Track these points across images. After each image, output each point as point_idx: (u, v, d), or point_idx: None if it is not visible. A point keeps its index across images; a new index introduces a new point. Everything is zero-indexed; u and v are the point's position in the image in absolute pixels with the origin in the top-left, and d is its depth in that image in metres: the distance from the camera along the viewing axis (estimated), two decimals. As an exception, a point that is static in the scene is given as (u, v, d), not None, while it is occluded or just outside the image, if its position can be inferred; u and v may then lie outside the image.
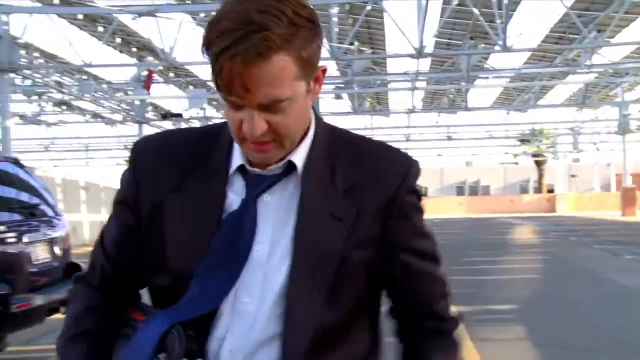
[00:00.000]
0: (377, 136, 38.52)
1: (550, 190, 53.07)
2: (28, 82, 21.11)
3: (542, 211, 44.51)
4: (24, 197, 6.68)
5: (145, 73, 23.55)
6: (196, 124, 30.80)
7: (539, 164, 53.73)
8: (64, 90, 20.55)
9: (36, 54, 19.17)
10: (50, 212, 6.87)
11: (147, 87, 23.74)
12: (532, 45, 20.78)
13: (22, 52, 17.84)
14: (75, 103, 26.80)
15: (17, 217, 6.31)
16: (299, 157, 1.21)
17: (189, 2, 15.87)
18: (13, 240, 6.08)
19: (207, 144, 1.26)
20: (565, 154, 48.95)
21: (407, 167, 1.24)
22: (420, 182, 1.29)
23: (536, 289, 10.38)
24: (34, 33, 16.90)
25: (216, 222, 1.21)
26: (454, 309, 1.29)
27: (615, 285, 10.41)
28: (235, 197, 1.22)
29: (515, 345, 6.65)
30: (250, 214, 1.20)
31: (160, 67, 23.81)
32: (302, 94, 1.14)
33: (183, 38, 16.78)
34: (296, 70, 1.11)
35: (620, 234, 21.68)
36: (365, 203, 1.20)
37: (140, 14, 13.65)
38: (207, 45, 1.09)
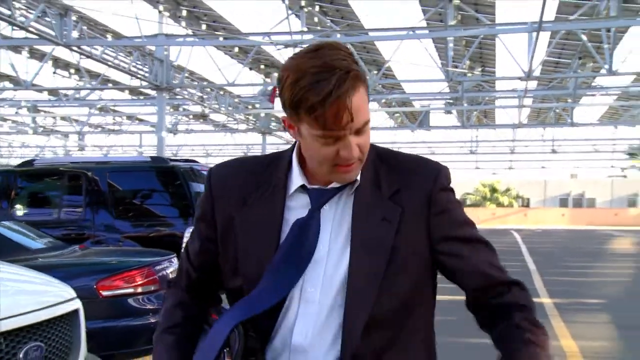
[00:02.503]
0: (482, 148, 39.74)
1: (661, 205, 52.14)
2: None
3: (651, 226, 44.13)
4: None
5: (270, 88, 26.16)
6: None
7: (648, 178, 52.96)
8: (204, 104, 23.28)
9: (185, 74, 21.96)
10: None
11: (272, 101, 26.29)
12: (638, 67, 21.79)
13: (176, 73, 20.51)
14: (212, 116, 29.69)
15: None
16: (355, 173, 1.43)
17: (331, 37, 18.02)
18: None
19: (269, 168, 1.50)
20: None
21: (437, 171, 1.46)
22: (523, 193, 1.85)
23: (622, 288, 11.90)
24: (183, 55, 19.52)
25: (277, 232, 1.43)
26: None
27: None
28: (294, 210, 1.45)
29: (598, 326, 8.36)
30: (315, 221, 1.42)
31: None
32: None
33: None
34: (367, 99, 1.37)
35: None
36: (408, 204, 1.41)
37: (287, 46, 16.04)
38: (298, 102, 1.31)
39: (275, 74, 25.81)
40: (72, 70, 23.58)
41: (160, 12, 18.65)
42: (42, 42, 15.41)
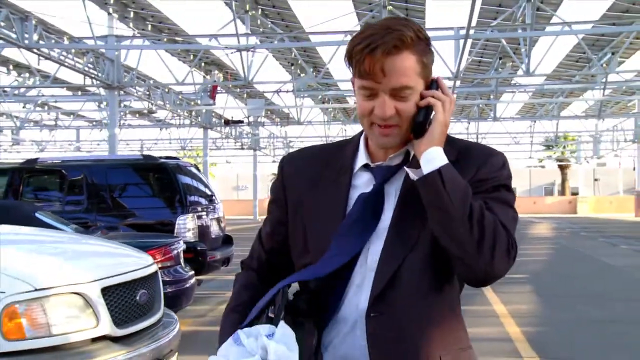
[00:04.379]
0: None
1: (575, 193, 55.69)
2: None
3: (564, 212, 47.30)
4: (204, 188, 10.17)
5: (211, 85, 27.18)
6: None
7: (562, 168, 56.51)
8: (151, 101, 24.17)
9: (134, 73, 22.80)
10: (215, 199, 10.39)
11: (213, 98, 27.33)
12: (551, 68, 24.01)
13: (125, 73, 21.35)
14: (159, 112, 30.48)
15: (205, 202, 9.85)
16: (412, 148, 1.53)
17: (276, 41, 19.24)
18: (206, 217, 9.62)
19: (336, 152, 1.64)
20: (588, 159, 51.32)
21: (489, 154, 1.55)
22: None
23: (542, 265, 13.79)
24: (132, 55, 20.39)
25: (343, 209, 1.55)
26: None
27: (604, 264, 13.84)
28: (359, 187, 1.57)
29: (525, 294, 10.07)
30: (378, 196, 1.53)
31: (222, 79, 27.21)
32: (419, 90, 1.47)
33: (258, 62, 20.08)
34: (418, 69, 1.45)
35: (625, 230, 24.98)
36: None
37: (240, 50, 17.22)
38: (352, 48, 1.45)
39: (216, 72, 26.89)
40: (11, 67, 24.07)
41: (109, 13, 19.50)
42: (6, 45, 16.11)
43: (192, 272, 7.13)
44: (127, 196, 9.25)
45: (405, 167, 1.49)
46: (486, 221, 1.42)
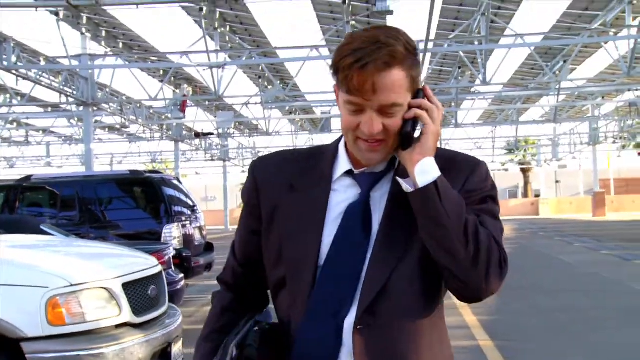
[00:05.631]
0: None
1: (538, 196, 57.22)
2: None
3: (527, 214, 48.76)
4: (186, 199, 10.94)
5: (181, 99, 27.88)
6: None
7: (524, 171, 58.14)
8: (124, 116, 24.80)
9: (107, 90, 23.45)
10: (197, 209, 11.17)
11: (183, 111, 28.03)
12: (507, 77, 25.27)
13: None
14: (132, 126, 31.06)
15: (188, 212, 10.62)
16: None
17: (244, 58, 20.05)
18: (189, 226, 10.40)
19: (313, 158, 1.58)
20: (549, 162, 52.77)
21: (475, 164, 1.52)
22: None
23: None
24: (106, 73, 21.06)
25: (322, 215, 1.50)
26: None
27: (558, 261, 14.96)
28: (339, 191, 1.52)
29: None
30: (366, 205, 1.49)
31: (191, 93, 27.93)
32: (407, 104, 1.43)
33: (228, 77, 20.93)
34: (407, 84, 1.41)
35: (581, 229, 26.33)
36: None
37: (211, 67, 18.02)
38: (339, 61, 1.40)
39: (185, 86, 27.60)
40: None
41: (82, 33, 20.14)
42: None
43: (182, 275, 7.92)
44: (116, 209, 10.01)
45: (397, 178, 1.46)
46: (481, 236, 1.40)
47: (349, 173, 1.53)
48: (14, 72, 16.43)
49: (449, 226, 1.39)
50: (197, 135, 30.88)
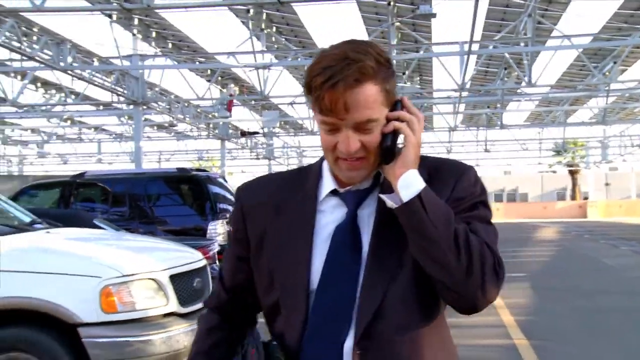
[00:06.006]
0: (421, 149, 42.85)
1: (586, 198, 56.26)
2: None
3: (574, 217, 47.92)
4: (231, 197, 11.18)
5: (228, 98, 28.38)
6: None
7: (572, 173, 57.22)
8: (172, 115, 25.40)
9: (156, 89, 24.09)
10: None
11: (229, 110, 28.52)
12: (555, 78, 25.04)
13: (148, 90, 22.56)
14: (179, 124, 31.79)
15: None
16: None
17: (290, 58, 20.39)
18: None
19: (297, 180, 1.56)
20: (598, 164, 51.81)
21: (462, 170, 1.50)
22: None
23: (541, 265, 14.81)
24: (155, 73, 21.75)
25: (309, 236, 1.47)
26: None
27: (600, 263, 14.85)
28: (325, 212, 1.50)
29: (521, 290, 11.10)
30: (354, 224, 1.46)
31: (238, 92, 28.39)
32: (384, 119, 1.40)
33: (273, 77, 21.46)
34: (382, 98, 1.38)
35: (630, 233, 25.91)
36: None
37: (257, 68, 18.40)
38: (310, 81, 1.37)
39: (232, 85, 28.08)
40: (39, 84, 25.39)
41: (134, 34, 20.74)
42: (44, 68, 17.37)
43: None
44: (163, 205, 10.40)
45: (380, 195, 1.43)
46: (472, 244, 1.37)
47: (334, 192, 1.50)
48: (69, 72, 17.04)
49: (437, 238, 1.36)
50: (243, 134, 31.35)
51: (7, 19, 14.95)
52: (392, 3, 17.14)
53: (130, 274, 4.62)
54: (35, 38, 17.62)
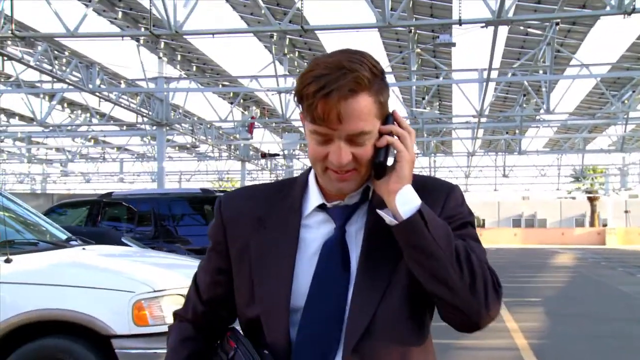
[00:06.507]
0: (440, 173, 43.12)
1: (605, 225, 55.93)
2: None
3: (592, 243, 47.64)
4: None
5: (249, 120, 28.86)
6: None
7: (591, 199, 57.02)
8: (195, 136, 25.89)
9: (180, 111, 24.60)
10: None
11: (250, 132, 28.97)
12: (573, 106, 25.23)
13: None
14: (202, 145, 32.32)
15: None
16: (372, 184, 1.43)
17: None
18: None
19: (282, 192, 1.51)
20: (617, 191, 51.59)
21: (449, 189, 1.48)
22: (477, 213, 3.08)
23: (556, 290, 14.94)
24: (179, 95, 22.34)
25: (293, 251, 1.43)
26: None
27: (616, 291, 14.95)
28: (311, 227, 1.46)
29: (535, 314, 11.27)
30: (342, 241, 1.43)
31: (259, 115, 28.88)
32: (376, 132, 1.37)
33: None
34: (375, 110, 1.35)
35: (647, 261, 25.85)
36: None
37: (280, 92, 18.83)
38: (302, 89, 1.33)
39: (253, 108, 28.56)
40: (65, 105, 26.02)
41: (159, 57, 21.28)
42: (73, 90, 17.92)
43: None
44: (186, 224, 10.75)
45: (378, 211, 1.40)
46: (474, 261, 1.35)
47: (321, 207, 1.46)
48: (97, 94, 17.56)
49: (440, 255, 1.33)
50: (264, 155, 31.75)
51: (40, 43, 15.52)
52: (412, 30, 17.49)
53: (160, 289, 4.93)
54: (64, 60, 18.18)
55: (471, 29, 12.47)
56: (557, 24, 15.84)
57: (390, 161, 1.40)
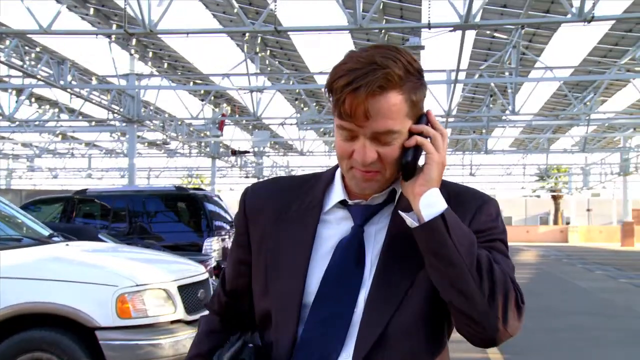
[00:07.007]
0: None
1: (568, 223, 57.11)
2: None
3: (555, 241, 48.73)
4: (225, 215, 11.77)
5: (219, 118, 28.98)
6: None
7: (555, 198, 58.20)
8: (166, 133, 25.95)
9: (151, 108, 24.65)
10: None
11: (220, 129, 29.10)
12: (538, 107, 25.88)
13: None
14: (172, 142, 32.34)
15: (227, 227, 11.47)
16: (398, 186, 1.39)
17: (283, 81, 21.07)
18: (228, 239, 11.24)
19: (305, 186, 1.49)
20: (580, 190, 52.66)
21: (483, 201, 1.41)
22: None
23: (520, 286, 15.42)
24: (150, 92, 22.46)
25: (308, 246, 1.40)
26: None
27: (574, 286, 15.53)
28: (330, 223, 1.43)
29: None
30: (359, 239, 1.38)
31: (229, 112, 29.04)
32: (406, 132, 1.32)
33: (266, 99, 22.19)
34: (406, 109, 1.30)
35: (606, 258, 26.69)
36: None
37: (251, 91, 19.04)
38: (332, 82, 1.29)
39: (224, 105, 28.69)
40: (33, 99, 25.89)
41: (131, 54, 21.35)
42: (44, 86, 17.91)
43: (221, 284, 8.77)
44: (160, 221, 10.94)
45: (399, 212, 1.36)
46: (496, 272, 1.30)
47: (343, 203, 1.43)
48: (69, 90, 17.59)
49: (460, 263, 1.28)
50: (234, 152, 31.92)
51: (9, 38, 15.51)
52: (383, 31, 17.84)
53: (143, 283, 5.17)
54: (33, 55, 18.16)
55: (440, 33, 12.85)
56: (523, 27, 16.35)
57: (420, 163, 1.36)
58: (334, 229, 1.43)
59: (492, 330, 1.30)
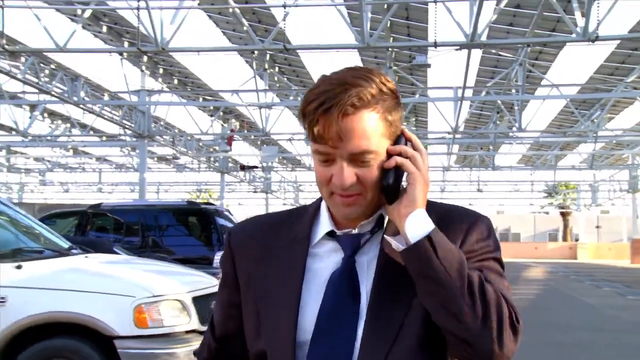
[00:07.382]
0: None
1: (577, 240, 56.94)
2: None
3: (564, 258, 48.60)
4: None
5: (228, 133, 29.28)
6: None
7: (564, 215, 58.11)
8: (176, 148, 26.26)
9: (161, 123, 24.98)
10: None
11: (229, 145, 29.39)
12: (545, 123, 26.07)
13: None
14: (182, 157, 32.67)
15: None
16: (386, 212, 1.34)
17: (292, 97, 21.36)
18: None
19: (291, 220, 1.45)
20: (589, 207, 52.56)
21: (473, 220, 1.36)
22: None
23: (525, 302, 15.52)
24: (161, 108, 22.77)
25: (298, 281, 1.36)
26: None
27: (581, 302, 15.63)
28: (319, 257, 1.39)
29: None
30: (352, 271, 1.34)
31: (238, 128, 29.35)
32: (383, 152, 1.29)
33: (275, 115, 22.49)
34: (382, 129, 1.27)
35: (615, 275, 26.71)
36: None
37: (260, 107, 19.32)
38: (305, 106, 1.27)
39: (233, 121, 29.00)
40: (46, 114, 26.27)
41: (142, 70, 21.69)
42: (58, 102, 18.25)
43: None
44: (173, 235, 11.17)
45: (384, 236, 1.32)
46: (488, 292, 1.26)
47: (331, 235, 1.39)
48: (82, 106, 17.92)
49: (450, 285, 1.24)
50: (243, 167, 32.19)
51: (25, 56, 15.86)
52: (390, 49, 18.09)
53: (159, 294, 5.39)
54: (47, 72, 18.50)
55: (446, 52, 13.08)
56: (529, 46, 16.57)
57: (403, 184, 1.33)
58: (324, 262, 1.39)
59: (487, 352, 1.26)
